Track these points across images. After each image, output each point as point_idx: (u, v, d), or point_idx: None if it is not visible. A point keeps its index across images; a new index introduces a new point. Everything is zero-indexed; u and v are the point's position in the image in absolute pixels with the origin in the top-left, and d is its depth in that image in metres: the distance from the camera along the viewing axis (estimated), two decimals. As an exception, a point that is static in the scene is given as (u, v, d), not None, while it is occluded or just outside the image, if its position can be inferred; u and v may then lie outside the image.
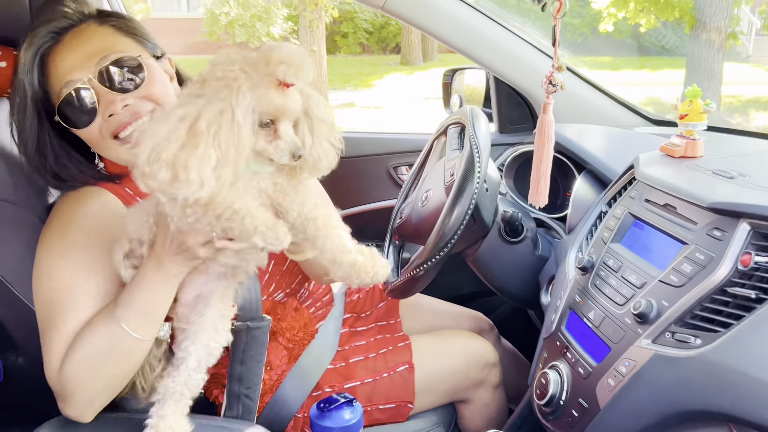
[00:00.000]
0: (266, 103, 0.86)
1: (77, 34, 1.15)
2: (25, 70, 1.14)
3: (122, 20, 1.21)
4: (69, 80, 1.12)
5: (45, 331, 1.07)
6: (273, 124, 0.89)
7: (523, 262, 1.47)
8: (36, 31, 1.14)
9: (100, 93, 1.12)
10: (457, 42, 1.77)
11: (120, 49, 1.15)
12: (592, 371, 1.08)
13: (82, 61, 1.12)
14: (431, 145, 1.66)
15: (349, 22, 15.51)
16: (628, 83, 10.13)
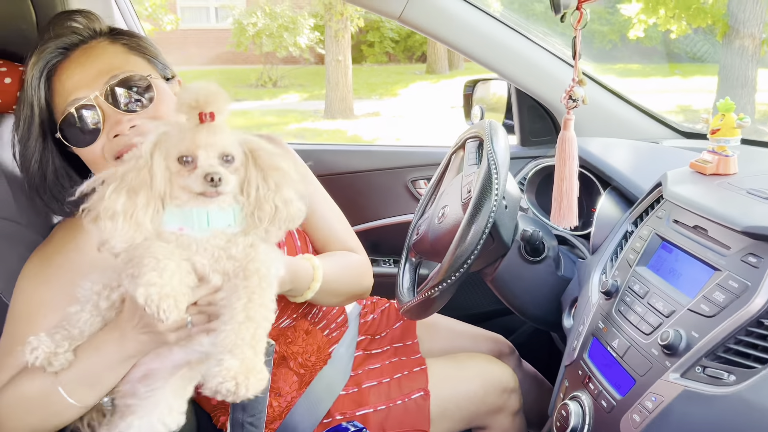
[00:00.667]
0: (180, 141, 0.88)
1: (87, 51, 1.12)
2: (32, 86, 1.11)
3: (134, 39, 1.18)
4: (74, 98, 1.08)
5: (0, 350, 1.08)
6: (193, 159, 0.88)
7: (545, 282, 1.40)
8: (44, 47, 1.12)
9: (107, 112, 1.09)
10: (477, 52, 1.71)
11: (130, 68, 1.12)
12: (615, 405, 1.01)
13: (90, 79, 1.09)
14: (449, 160, 1.61)
15: (375, 31, 15.53)
16: (659, 91, 9.93)
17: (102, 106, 1.08)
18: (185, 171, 0.87)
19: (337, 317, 1.43)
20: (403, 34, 16.02)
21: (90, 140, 1.10)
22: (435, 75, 14.37)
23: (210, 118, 0.87)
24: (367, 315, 1.55)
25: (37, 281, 1.09)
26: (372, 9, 1.68)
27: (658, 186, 1.20)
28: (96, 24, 1.18)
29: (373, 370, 1.40)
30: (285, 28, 13.06)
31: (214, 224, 0.91)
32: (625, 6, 8.32)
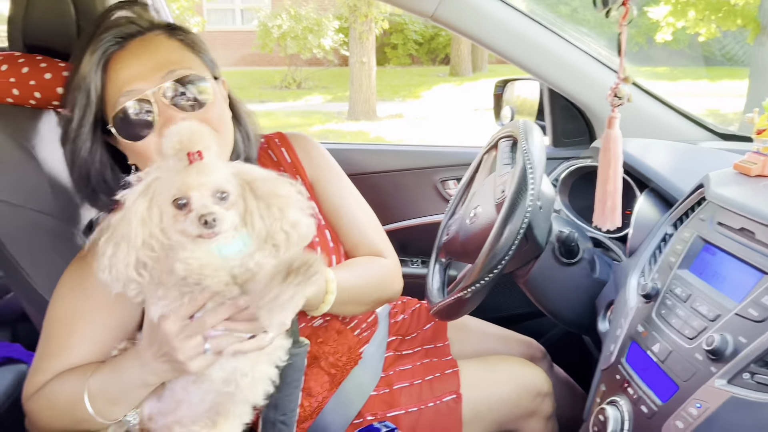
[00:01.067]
0: (169, 186, 0.88)
1: (144, 43, 1.10)
2: (90, 75, 1.08)
3: (190, 36, 1.16)
4: (130, 89, 1.06)
5: (39, 352, 1.10)
6: (188, 202, 0.88)
7: (579, 285, 1.37)
8: (102, 36, 1.09)
9: (161, 108, 1.06)
10: (510, 52, 1.69)
11: (188, 65, 1.10)
12: (657, 410, 0.98)
13: (147, 71, 1.07)
14: (480, 160, 1.59)
15: (399, 33, 15.53)
16: (687, 94, 9.78)
17: (158, 101, 1.06)
18: (181, 215, 0.88)
19: (368, 317, 1.41)
20: (427, 36, 15.99)
21: (142, 134, 1.07)
22: (458, 77, 14.32)
23: (198, 157, 0.87)
24: (397, 315, 1.53)
25: (76, 292, 1.09)
26: (404, 7, 1.67)
27: (700, 187, 1.17)
28: (153, 16, 1.16)
29: (404, 372, 1.38)
30: (309, 30, 13.13)
31: (226, 253, 0.91)
32: (652, 9, 8.20)
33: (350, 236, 1.36)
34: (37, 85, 1.23)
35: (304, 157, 1.37)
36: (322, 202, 1.36)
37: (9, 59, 1.25)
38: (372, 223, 1.40)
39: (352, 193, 1.40)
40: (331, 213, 1.36)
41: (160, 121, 1.07)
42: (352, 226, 1.36)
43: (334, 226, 1.36)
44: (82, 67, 1.08)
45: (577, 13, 13.18)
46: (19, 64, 1.23)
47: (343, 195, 1.37)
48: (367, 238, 1.36)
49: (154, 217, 0.89)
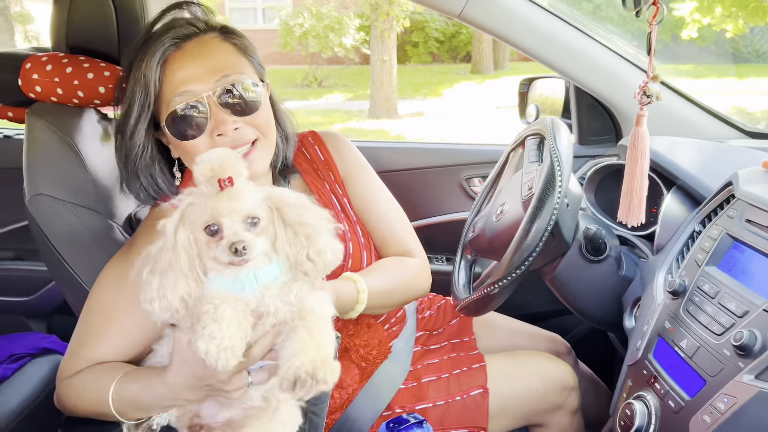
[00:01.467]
0: (202, 212, 0.89)
1: (200, 45, 1.14)
2: (150, 73, 1.11)
3: (242, 40, 1.20)
4: (185, 90, 1.10)
5: (75, 337, 1.14)
6: (219, 229, 0.89)
7: (606, 282, 1.38)
8: (162, 37, 1.12)
9: (213, 110, 1.10)
10: (537, 50, 1.70)
11: (240, 70, 1.14)
12: (684, 405, 0.99)
13: (203, 74, 1.10)
14: (507, 157, 1.61)
15: (420, 31, 15.51)
16: (712, 92, 9.64)
17: (211, 103, 1.10)
18: (213, 242, 0.89)
19: (397, 312, 1.44)
20: (448, 34, 15.94)
21: (194, 135, 1.11)
22: (480, 75, 14.26)
23: (229, 183, 0.89)
24: (424, 311, 1.56)
25: (115, 285, 1.13)
26: (432, 7, 1.69)
27: (728, 185, 1.17)
28: (210, 18, 1.20)
29: (432, 365, 1.40)
30: (331, 29, 13.17)
31: (263, 279, 0.93)
32: (677, 5, 8.09)
33: (379, 232, 1.39)
34: (80, 84, 1.27)
35: (337, 155, 1.40)
36: (353, 198, 1.39)
37: (53, 60, 1.29)
38: (401, 221, 1.42)
39: (381, 191, 1.43)
40: (361, 209, 1.39)
41: (211, 123, 1.10)
42: (381, 222, 1.38)
43: (364, 222, 1.39)
44: (143, 66, 1.11)
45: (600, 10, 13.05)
46: (63, 65, 1.28)
47: (373, 192, 1.40)
48: (396, 235, 1.39)
49: (193, 245, 0.91)
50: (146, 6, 1.31)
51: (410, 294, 1.37)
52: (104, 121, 1.39)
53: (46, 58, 1.30)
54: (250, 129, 1.14)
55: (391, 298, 1.30)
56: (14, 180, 1.70)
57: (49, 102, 1.31)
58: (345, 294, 1.18)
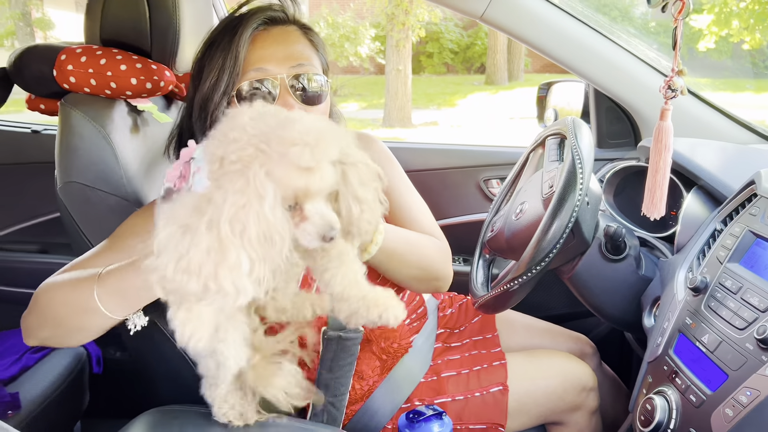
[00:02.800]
0: (284, 186, 0.76)
1: (284, 31, 1.20)
2: (241, 44, 1.15)
3: (318, 37, 1.27)
4: (261, 67, 1.15)
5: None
6: (298, 206, 0.79)
7: (625, 281, 1.39)
8: (254, 17, 1.19)
9: (282, 93, 1.15)
10: (557, 52, 1.72)
11: (315, 64, 1.20)
12: (705, 399, 0.99)
13: (281, 57, 1.16)
14: (527, 157, 1.62)
15: (435, 42, 15.58)
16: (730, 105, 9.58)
17: (282, 85, 1.15)
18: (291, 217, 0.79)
19: (418, 308, 1.45)
20: (463, 45, 16.00)
21: None
22: (494, 86, 14.28)
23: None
24: (446, 309, 1.57)
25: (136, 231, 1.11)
26: (454, 8, 1.71)
27: (751, 184, 1.18)
28: (296, 9, 1.27)
29: (453, 361, 1.41)
30: (346, 38, 13.26)
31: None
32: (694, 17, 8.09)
33: (399, 219, 1.38)
34: (112, 76, 1.31)
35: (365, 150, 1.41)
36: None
37: (87, 51, 1.33)
38: (422, 211, 1.43)
39: (403, 182, 1.44)
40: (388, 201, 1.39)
41: (277, 103, 1.15)
42: (402, 210, 1.38)
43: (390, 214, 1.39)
44: (236, 38, 1.16)
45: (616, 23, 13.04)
46: (97, 56, 1.31)
47: (394, 182, 1.41)
48: (417, 223, 1.38)
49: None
50: (178, 2, 1.34)
51: (430, 264, 1.31)
52: (133, 113, 1.42)
53: (80, 50, 1.33)
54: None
55: (408, 253, 1.25)
56: (41, 174, 1.74)
57: (82, 93, 1.34)
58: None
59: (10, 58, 1.42)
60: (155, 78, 1.35)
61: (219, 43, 1.18)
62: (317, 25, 13.24)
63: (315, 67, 1.20)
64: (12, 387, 1.62)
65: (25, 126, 2.25)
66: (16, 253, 2.14)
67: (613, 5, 13.40)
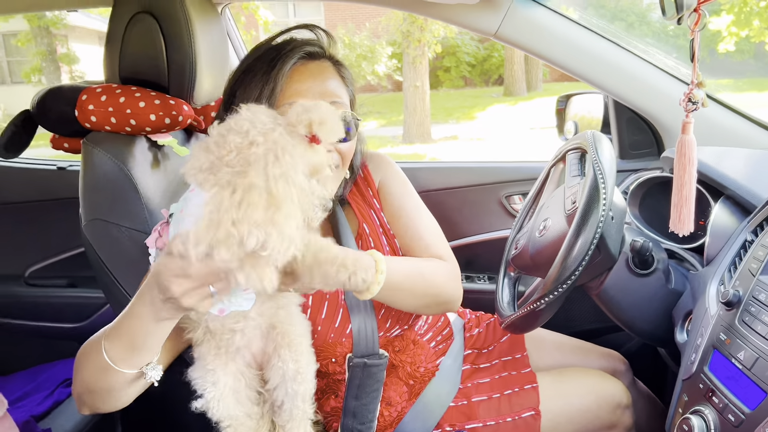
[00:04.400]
0: (304, 162, 0.86)
1: (320, 67, 1.23)
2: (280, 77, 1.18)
3: (348, 73, 1.29)
4: (296, 101, 1.15)
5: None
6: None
7: (655, 295, 1.36)
8: (293, 51, 1.21)
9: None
10: (574, 66, 1.70)
11: (345, 102, 1.23)
12: (745, 418, 0.96)
13: (316, 93, 1.19)
14: (548, 173, 1.60)
15: (452, 56, 15.63)
16: (754, 106, 9.41)
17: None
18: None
19: (443, 329, 1.44)
20: (480, 58, 16.02)
21: None
22: (513, 97, 14.26)
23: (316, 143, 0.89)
24: (473, 329, 1.54)
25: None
26: (467, 27, 1.71)
27: (781, 192, 1.15)
28: (332, 45, 1.30)
29: (483, 384, 1.39)
30: (363, 58, 13.38)
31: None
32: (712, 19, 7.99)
33: (405, 238, 1.36)
34: (132, 113, 1.33)
35: (374, 169, 1.44)
36: (385, 208, 1.40)
37: (107, 90, 1.36)
38: (430, 230, 1.38)
39: (413, 200, 1.42)
40: (391, 218, 1.38)
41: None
42: (408, 228, 1.36)
43: (392, 228, 1.38)
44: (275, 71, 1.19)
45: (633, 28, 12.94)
46: (117, 95, 1.34)
47: (404, 200, 1.40)
48: (423, 241, 1.35)
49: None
50: (194, 37, 1.36)
51: (437, 290, 1.27)
52: (154, 148, 1.44)
53: (100, 89, 1.36)
54: (335, 155, 1.21)
55: (414, 283, 1.22)
56: (68, 210, 1.77)
57: (104, 131, 1.37)
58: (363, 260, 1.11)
59: (33, 100, 1.46)
60: (174, 113, 1.37)
61: (256, 72, 1.20)
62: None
63: (346, 104, 1.23)
64: (44, 423, 1.64)
65: (51, 163, 2.30)
66: (46, 288, 2.18)
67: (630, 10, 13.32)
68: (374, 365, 1.18)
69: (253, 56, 1.23)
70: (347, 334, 1.23)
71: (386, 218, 1.39)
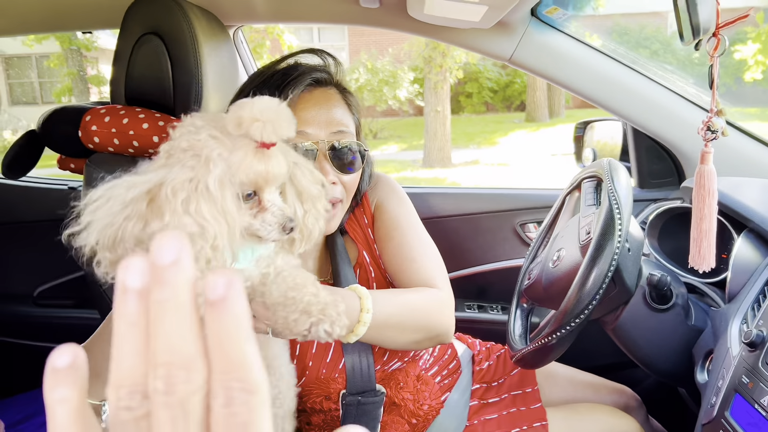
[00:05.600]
0: (244, 170, 0.74)
1: (326, 94, 1.19)
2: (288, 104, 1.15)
3: (354, 100, 1.25)
4: (301, 130, 1.13)
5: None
6: (256, 195, 0.77)
7: (673, 332, 1.29)
8: (300, 78, 1.17)
9: (319, 157, 1.13)
10: (590, 91, 1.66)
11: (351, 130, 1.19)
12: (769, 471, 0.89)
13: (323, 122, 1.15)
14: (563, 201, 1.55)
15: (474, 82, 15.66)
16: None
17: (321, 151, 1.13)
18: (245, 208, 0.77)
19: (450, 363, 1.38)
20: (502, 84, 16.03)
21: None
22: (534, 123, 14.20)
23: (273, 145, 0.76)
24: (482, 362, 1.48)
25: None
26: (482, 52, 1.68)
27: (807, 227, 1.09)
28: (338, 71, 1.25)
29: (490, 421, 1.33)
30: (385, 83, 13.47)
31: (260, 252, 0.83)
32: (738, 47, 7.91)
33: (395, 259, 1.25)
34: (135, 134, 1.31)
35: (371, 191, 1.36)
36: (377, 227, 1.31)
37: (111, 111, 1.34)
38: (424, 252, 1.26)
39: (409, 220, 1.31)
40: (382, 238, 1.29)
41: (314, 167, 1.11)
42: (401, 247, 1.25)
43: (381, 252, 1.29)
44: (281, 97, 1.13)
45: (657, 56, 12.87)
46: (120, 116, 1.33)
47: (398, 219, 1.29)
48: (416, 263, 1.24)
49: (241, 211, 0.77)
50: (201, 58, 1.34)
51: (428, 324, 1.16)
52: (158, 170, 1.42)
53: (104, 110, 1.35)
54: (340, 188, 1.17)
55: (402, 323, 1.11)
56: (76, 229, 1.76)
57: (107, 152, 1.35)
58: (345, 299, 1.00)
59: (39, 120, 1.45)
60: None
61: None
62: (357, 71, 13.52)
63: (351, 133, 1.18)
64: (42, 447, 1.60)
65: (62, 183, 2.31)
66: (54, 309, 2.17)
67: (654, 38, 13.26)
68: (369, 403, 1.12)
69: (257, 80, 1.20)
70: (340, 369, 1.16)
71: (378, 240, 1.30)
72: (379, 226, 1.31)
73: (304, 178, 0.86)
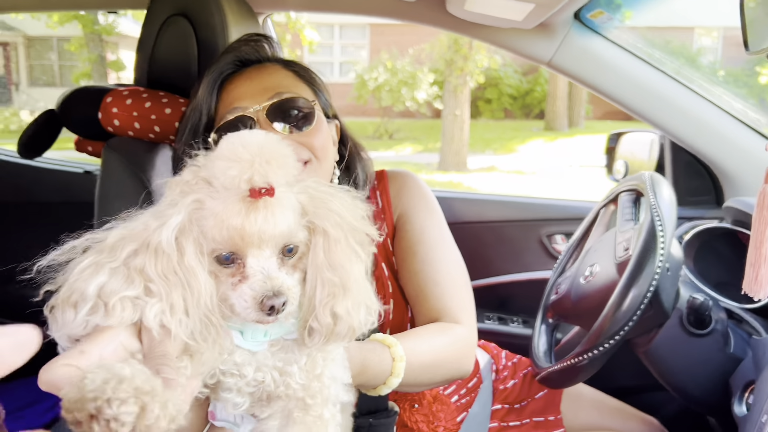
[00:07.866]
0: (216, 225, 0.59)
1: (260, 69, 1.14)
2: (205, 96, 1.12)
3: (306, 69, 1.19)
4: (236, 106, 1.08)
5: None
6: (239, 259, 0.62)
7: (710, 360, 1.23)
8: (222, 57, 1.15)
9: (263, 126, 1.06)
10: (631, 101, 1.60)
11: (296, 91, 1.11)
12: None
13: (256, 92, 1.09)
14: (596, 214, 1.49)
15: (494, 88, 15.58)
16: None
17: (260, 119, 1.07)
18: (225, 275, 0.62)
19: (469, 381, 1.30)
20: (522, 91, 15.96)
21: None
22: (553, 132, 14.10)
23: (269, 194, 0.60)
24: (507, 380, 1.41)
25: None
26: (520, 53, 1.63)
27: None
28: (275, 50, 1.21)
29: (509, 447, 1.26)
30: (404, 83, 13.44)
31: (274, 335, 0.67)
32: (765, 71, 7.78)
33: (418, 277, 1.16)
34: (157, 119, 1.26)
35: (396, 196, 1.25)
36: (399, 238, 1.22)
37: (134, 94, 1.29)
38: (451, 274, 1.17)
39: (436, 233, 1.21)
40: (404, 252, 1.19)
41: None
42: (426, 265, 1.16)
43: (400, 267, 1.20)
44: (200, 90, 1.12)
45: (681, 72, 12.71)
46: (143, 99, 1.28)
47: (425, 233, 1.19)
48: (439, 287, 1.14)
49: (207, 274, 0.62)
50: (229, 42, 1.29)
51: (453, 374, 1.10)
52: (178, 157, 1.37)
53: (127, 92, 1.30)
54: (303, 149, 1.07)
55: (432, 374, 1.04)
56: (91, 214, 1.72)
57: (127, 136, 1.30)
58: (375, 363, 0.94)
59: (58, 100, 1.41)
60: None
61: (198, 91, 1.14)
62: (376, 70, 13.48)
63: (302, 94, 1.10)
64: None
65: (78, 166, 2.27)
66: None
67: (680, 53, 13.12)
68: (380, 425, 1.05)
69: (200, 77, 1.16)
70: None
71: (398, 252, 1.20)
72: (402, 236, 1.20)
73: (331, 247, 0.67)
